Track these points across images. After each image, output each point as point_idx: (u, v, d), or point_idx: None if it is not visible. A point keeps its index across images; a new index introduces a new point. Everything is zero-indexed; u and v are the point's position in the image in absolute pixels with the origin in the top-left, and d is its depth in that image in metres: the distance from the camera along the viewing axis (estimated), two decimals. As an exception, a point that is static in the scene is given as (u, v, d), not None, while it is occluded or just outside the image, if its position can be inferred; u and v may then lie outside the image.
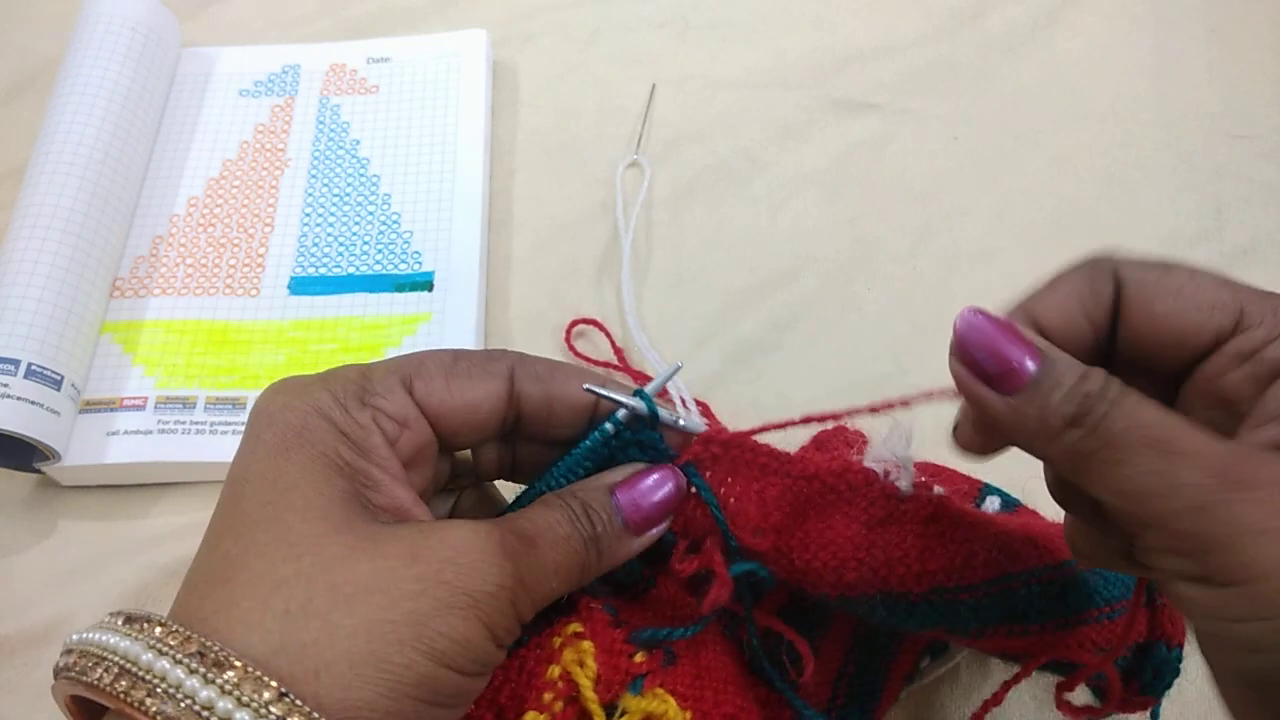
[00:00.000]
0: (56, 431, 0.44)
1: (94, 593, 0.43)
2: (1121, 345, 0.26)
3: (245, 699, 0.20)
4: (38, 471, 0.45)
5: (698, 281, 0.51)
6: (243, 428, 0.26)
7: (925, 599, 0.29)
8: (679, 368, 0.30)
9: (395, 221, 0.52)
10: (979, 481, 0.38)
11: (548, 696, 0.26)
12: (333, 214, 0.53)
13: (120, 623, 0.22)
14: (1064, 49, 0.59)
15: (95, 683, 0.21)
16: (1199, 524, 0.21)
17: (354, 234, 0.52)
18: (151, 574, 0.44)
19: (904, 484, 0.30)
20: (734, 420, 0.34)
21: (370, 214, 0.53)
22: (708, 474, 0.29)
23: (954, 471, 0.39)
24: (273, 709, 0.20)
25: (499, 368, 0.28)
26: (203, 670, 0.21)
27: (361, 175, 0.54)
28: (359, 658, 0.22)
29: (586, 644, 0.27)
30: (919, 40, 0.59)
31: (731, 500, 0.29)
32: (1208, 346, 0.25)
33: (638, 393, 0.29)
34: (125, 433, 0.45)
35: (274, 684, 0.21)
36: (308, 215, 0.53)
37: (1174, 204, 0.53)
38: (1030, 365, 0.24)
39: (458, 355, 0.28)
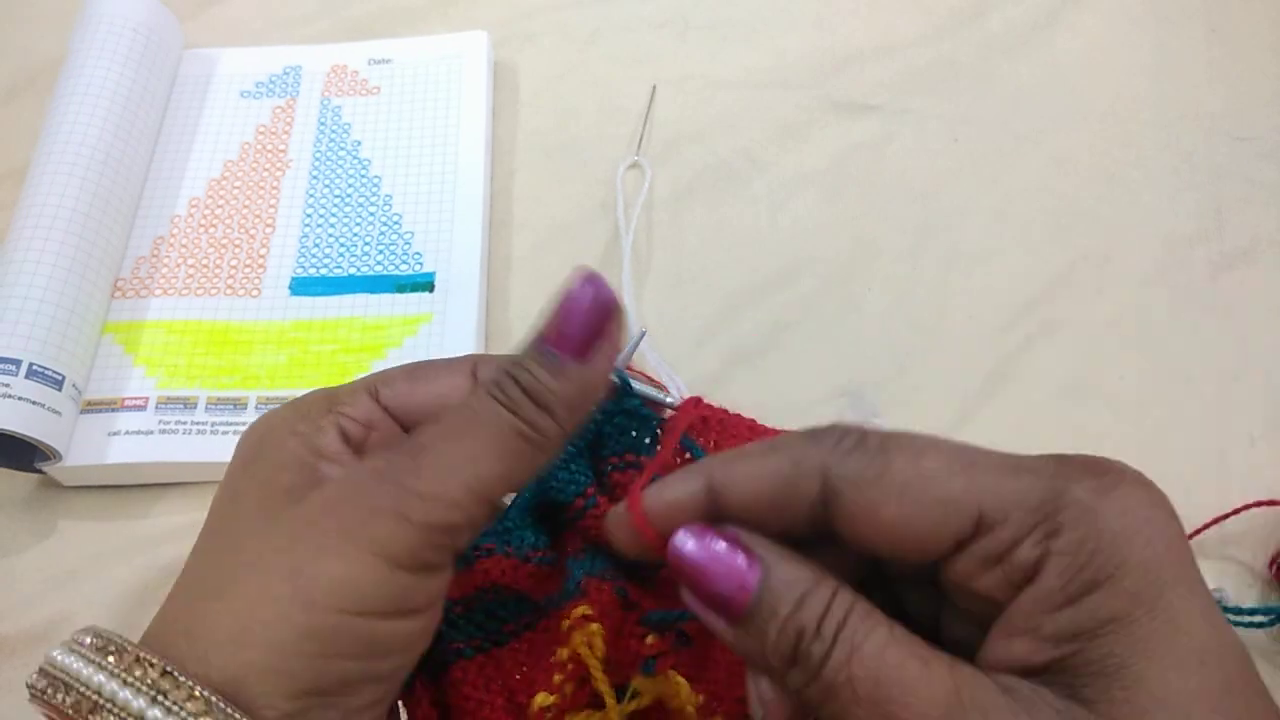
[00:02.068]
0: (57, 432, 0.44)
1: (94, 593, 0.43)
2: (850, 544, 0.22)
3: (130, 680, 0.21)
4: (39, 471, 0.45)
5: (698, 281, 0.51)
6: (243, 428, 0.27)
7: None
8: (644, 334, 0.31)
9: (396, 222, 0.52)
10: None
11: (558, 678, 0.26)
12: (334, 215, 0.53)
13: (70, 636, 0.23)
14: (1064, 49, 0.59)
15: (34, 691, 0.22)
16: None
17: (355, 235, 0.52)
18: (151, 574, 0.44)
19: None
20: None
21: (371, 215, 0.53)
22: (699, 439, 0.29)
23: None
24: (161, 684, 0.21)
25: (461, 364, 0.29)
26: (95, 659, 0.22)
27: (363, 176, 0.54)
28: (241, 625, 0.22)
29: (595, 626, 0.27)
30: (919, 40, 0.59)
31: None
32: (949, 552, 0.21)
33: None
34: (126, 433, 0.45)
35: (157, 662, 0.21)
36: (309, 216, 0.53)
37: (1174, 204, 0.53)
38: (751, 584, 0.21)
39: (421, 363, 0.29)
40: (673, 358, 0.48)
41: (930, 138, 0.56)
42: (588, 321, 0.24)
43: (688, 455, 0.29)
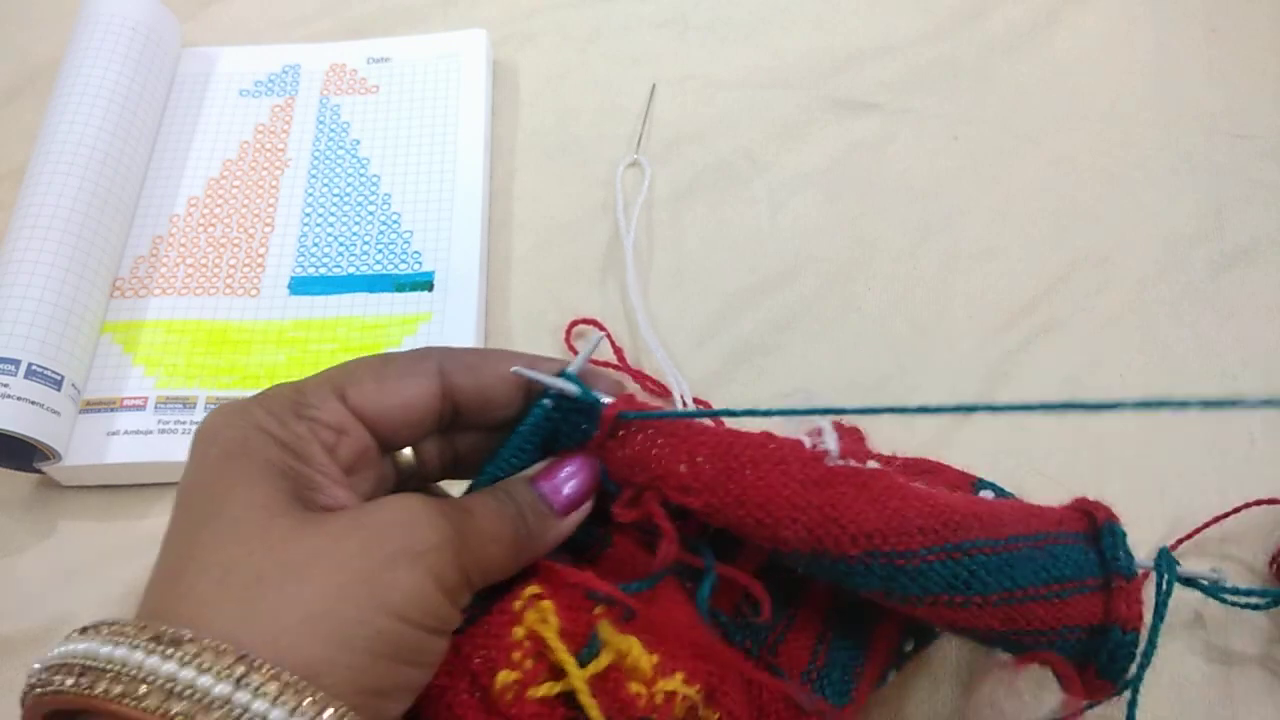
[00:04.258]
0: (57, 431, 0.44)
1: (94, 593, 0.43)
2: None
3: (207, 666, 0.21)
4: (38, 471, 0.45)
5: (698, 281, 0.51)
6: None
7: (861, 561, 0.29)
8: (601, 338, 0.33)
9: (395, 221, 0.52)
10: (972, 476, 0.39)
11: (517, 655, 0.27)
12: (333, 214, 0.53)
13: (76, 633, 0.23)
14: (1064, 49, 0.59)
15: (58, 689, 0.21)
16: None
17: (354, 234, 0.52)
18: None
19: (832, 447, 0.30)
20: (735, 420, 0.34)
21: (370, 214, 0.53)
22: (638, 435, 0.30)
23: (947, 467, 0.39)
24: (236, 669, 0.21)
25: (427, 365, 0.29)
26: (160, 649, 0.21)
27: (361, 175, 0.54)
28: (315, 618, 0.22)
29: (547, 603, 0.28)
30: (919, 40, 0.59)
31: (660, 459, 0.30)
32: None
33: (563, 373, 0.30)
34: (125, 433, 0.45)
35: (230, 649, 0.21)
36: (308, 215, 0.53)
37: (1174, 204, 0.53)
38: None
39: (386, 359, 0.29)
40: (673, 357, 0.48)
41: (930, 137, 0.56)
42: (576, 497, 0.30)
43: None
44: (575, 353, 0.48)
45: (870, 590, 0.30)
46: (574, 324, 0.49)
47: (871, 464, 0.31)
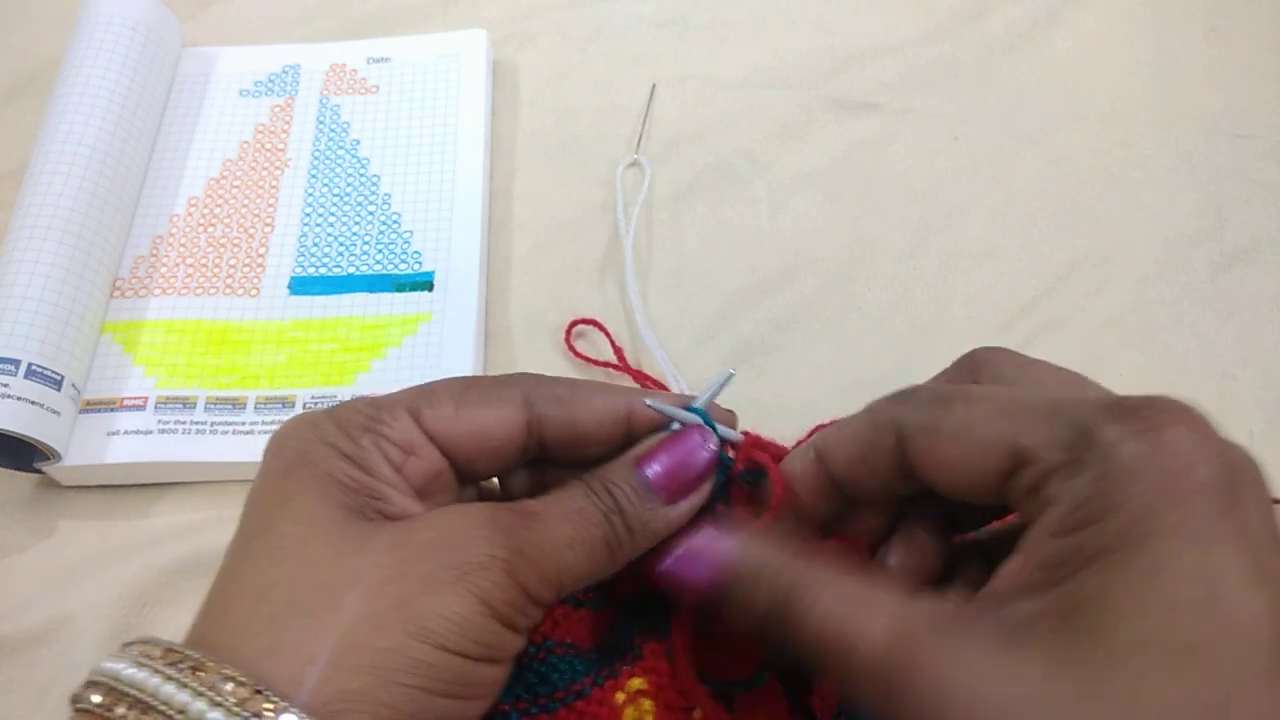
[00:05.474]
0: (57, 431, 0.44)
1: (94, 593, 0.43)
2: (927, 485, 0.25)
3: (219, 699, 0.20)
4: (38, 471, 0.45)
5: (698, 281, 0.51)
6: (243, 428, 0.27)
7: None
8: (731, 375, 0.29)
9: (395, 221, 0.52)
10: None
11: None
12: (333, 214, 0.53)
13: (122, 646, 0.22)
14: (1064, 49, 0.59)
15: (87, 706, 0.21)
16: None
17: (354, 234, 0.52)
18: (151, 574, 0.44)
19: None
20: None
21: (370, 214, 0.53)
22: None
23: None
24: (252, 704, 0.20)
25: (512, 393, 0.27)
26: (178, 676, 0.21)
27: (361, 175, 0.54)
28: (345, 649, 0.21)
29: (647, 702, 0.27)
30: (919, 40, 0.59)
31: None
32: (996, 485, 0.23)
33: (690, 408, 0.28)
34: (125, 433, 0.45)
35: (249, 682, 0.20)
36: (308, 215, 0.53)
37: (1174, 204, 0.53)
38: (718, 572, 0.25)
39: (470, 383, 0.28)
40: (673, 357, 0.48)
41: (930, 137, 0.56)
42: (691, 480, 0.27)
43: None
44: (575, 352, 0.48)
45: None
46: (574, 324, 0.49)
47: None
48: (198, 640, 0.22)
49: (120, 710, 0.20)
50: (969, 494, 0.24)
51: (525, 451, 0.28)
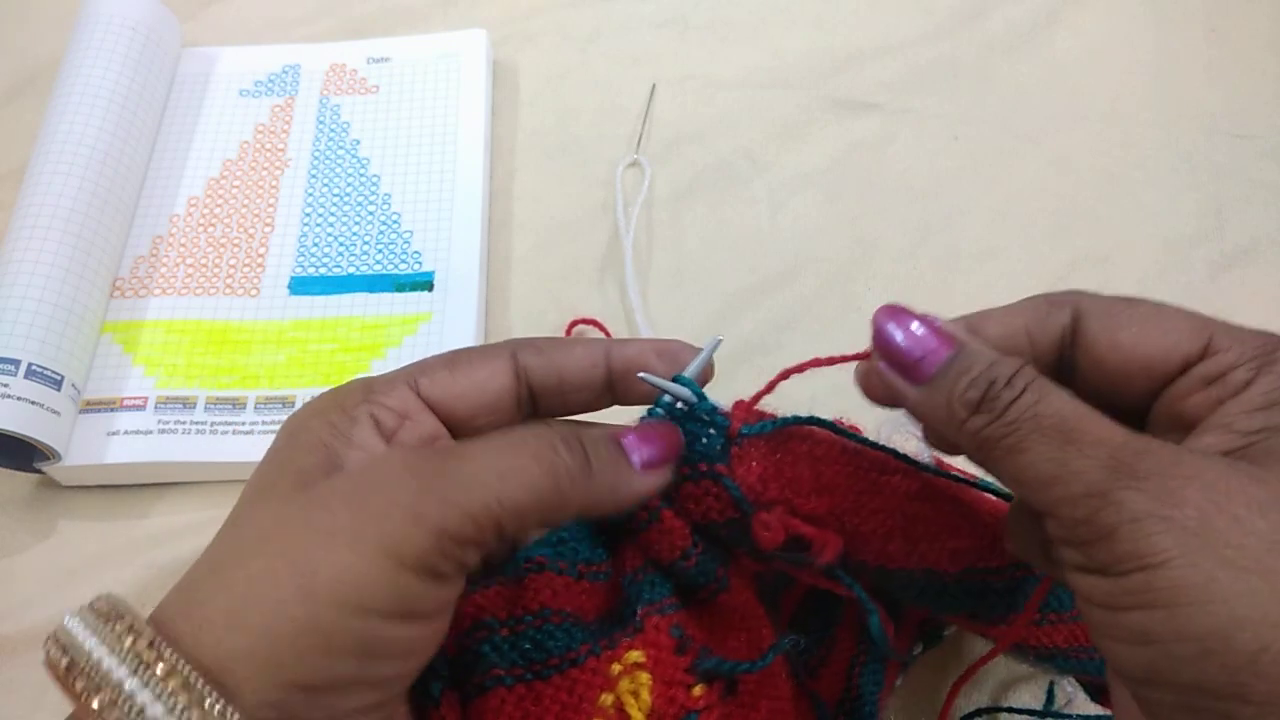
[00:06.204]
0: (57, 431, 0.44)
1: (94, 592, 0.42)
2: (1083, 375, 0.26)
3: (117, 648, 0.21)
4: (38, 471, 0.45)
5: (698, 281, 0.51)
6: (243, 428, 0.27)
7: (959, 580, 0.29)
8: (719, 341, 0.29)
9: (395, 221, 0.52)
10: (972, 476, 0.38)
11: None
12: (333, 214, 0.53)
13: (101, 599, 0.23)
14: (1064, 49, 0.59)
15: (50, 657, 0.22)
16: (1090, 512, 0.21)
17: (354, 234, 0.52)
18: (151, 574, 0.44)
19: (923, 453, 0.30)
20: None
21: (370, 214, 0.53)
22: (760, 444, 0.29)
23: (949, 466, 0.39)
24: (146, 654, 0.21)
25: (500, 350, 0.29)
26: (96, 625, 0.21)
27: (361, 175, 0.54)
28: (237, 607, 0.21)
29: (644, 676, 0.26)
30: (919, 40, 0.59)
31: (788, 465, 0.29)
32: (1175, 372, 0.24)
33: (677, 378, 0.28)
34: (125, 433, 0.45)
35: (145, 632, 0.21)
36: (308, 215, 0.53)
37: (1174, 204, 0.53)
38: (943, 354, 0.24)
39: (461, 350, 0.29)
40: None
41: (930, 137, 0.56)
42: (665, 452, 0.27)
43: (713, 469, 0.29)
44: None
45: (960, 612, 0.30)
46: (574, 324, 0.49)
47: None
48: (155, 610, 0.23)
49: (54, 653, 0.21)
50: (1144, 378, 0.25)
51: (519, 404, 0.29)
